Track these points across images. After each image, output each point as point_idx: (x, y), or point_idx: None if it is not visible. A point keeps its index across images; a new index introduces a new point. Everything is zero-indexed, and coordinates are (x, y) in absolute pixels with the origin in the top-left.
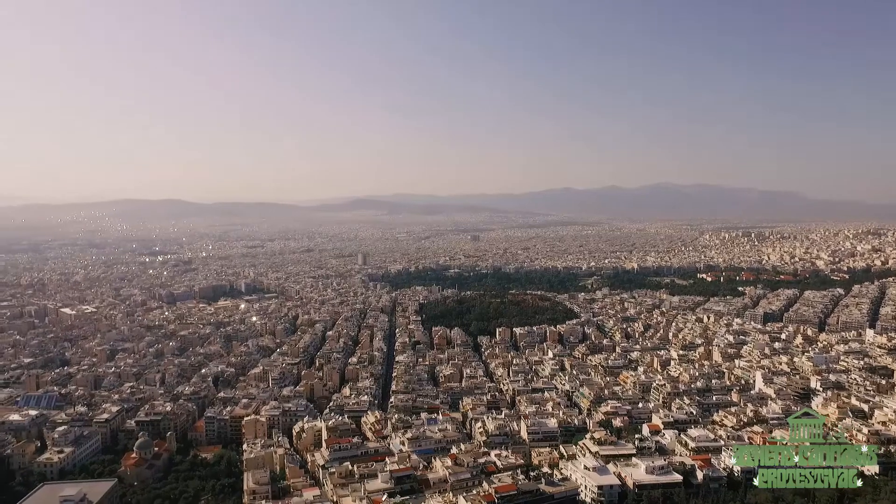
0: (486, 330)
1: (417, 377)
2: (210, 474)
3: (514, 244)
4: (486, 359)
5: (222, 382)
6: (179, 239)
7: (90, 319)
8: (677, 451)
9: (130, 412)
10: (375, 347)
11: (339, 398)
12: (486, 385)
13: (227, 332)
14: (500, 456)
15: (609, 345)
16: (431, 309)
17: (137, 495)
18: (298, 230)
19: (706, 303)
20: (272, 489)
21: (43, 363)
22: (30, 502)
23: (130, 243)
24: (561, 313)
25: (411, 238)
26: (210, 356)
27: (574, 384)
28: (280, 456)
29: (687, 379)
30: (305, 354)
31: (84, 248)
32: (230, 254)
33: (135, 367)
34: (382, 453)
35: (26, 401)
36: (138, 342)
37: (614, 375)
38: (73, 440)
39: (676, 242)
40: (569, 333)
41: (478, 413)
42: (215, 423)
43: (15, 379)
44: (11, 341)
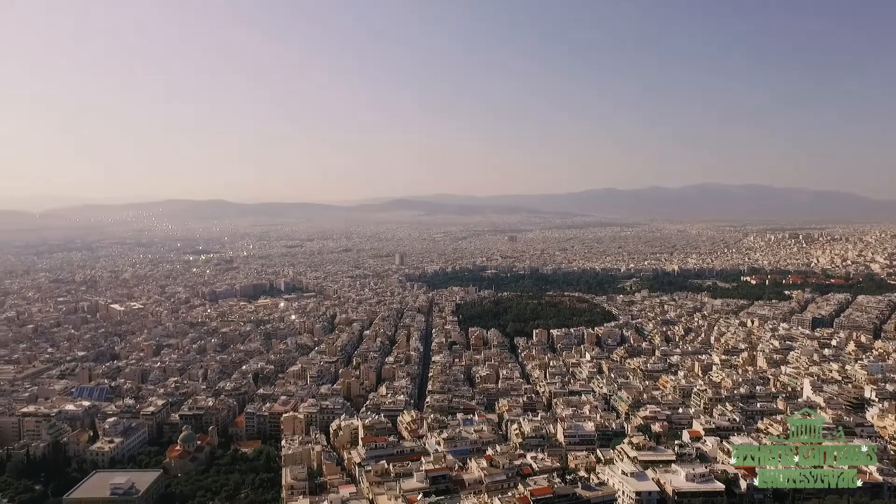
0: (523, 331)
1: (454, 377)
2: (250, 468)
3: (551, 245)
4: (522, 360)
5: (262, 379)
6: (222, 238)
7: (138, 315)
8: (719, 459)
9: (175, 406)
10: (412, 347)
11: (376, 397)
12: (522, 387)
13: (267, 330)
14: (535, 458)
15: (648, 348)
16: (468, 309)
17: (181, 486)
18: (337, 230)
19: (750, 306)
20: (309, 485)
21: (95, 356)
22: (84, 488)
23: (175, 242)
24: (599, 315)
25: (448, 238)
26: (250, 353)
27: (612, 387)
28: (317, 453)
29: (729, 385)
30: (343, 353)
31: (132, 247)
32: (270, 253)
33: (179, 363)
34: (418, 453)
35: (80, 392)
36: (182, 338)
37: (653, 379)
38: (122, 431)
39: (719, 244)
40: (607, 336)
41: (514, 415)
42: (255, 419)
43: (70, 371)
44: (67, 335)
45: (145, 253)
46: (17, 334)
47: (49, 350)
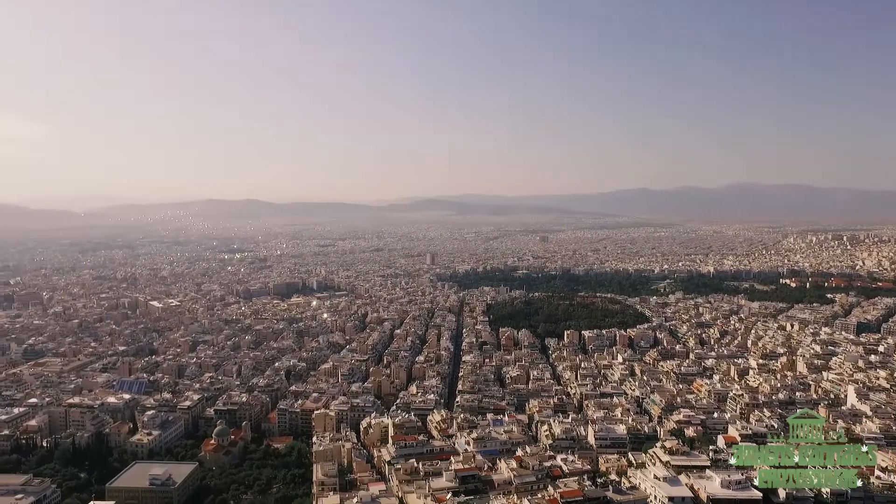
0: (554, 332)
1: (484, 377)
2: (281, 464)
3: (583, 245)
4: (553, 361)
5: (294, 376)
6: (256, 237)
7: (175, 312)
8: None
9: (210, 401)
10: (442, 347)
11: (406, 396)
12: (553, 388)
13: (300, 328)
14: (566, 460)
15: (682, 351)
16: (499, 309)
17: (215, 479)
18: (368, 230)
19: (789, 310)
20: (340, 482)
21: (134, 351)
22: (124, 478)
23: (211, 241)
24: (631, 317)
25: (479, 238)
26: (283, 350)
27: (644, 390)
28: (348, 450)
29: (767, 390)
30: (374, 352)
31: (170, 245)
32: (303, 252)
33: (214, 359)
34: (447, 452)
35: (121, 385)
36: (217, 335)
37: (687, 383)
38: (160, 424)
39: (757, 245)
40: (639, 338)
41: (544, 416)
42: (287, 416)
43: (112, 365)
44: (109, 330)
45: (182, 251)
46: (63, 328)
47: (92, 344)
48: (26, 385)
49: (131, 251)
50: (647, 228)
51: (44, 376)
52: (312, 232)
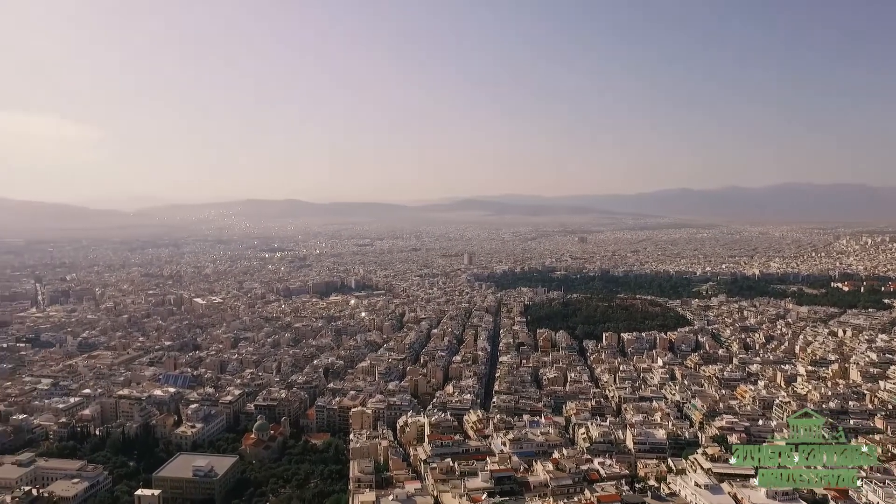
0: (593, 334)
1: (521, 378)
2: (319, 460)
3: (622, 246)
4: (591, 363)
5: (332, 374)
6: (296, 237)
7: (217, 309)
8: None
9: (250, 396)
10: (479, 347)
11: (443, 395)
12: (590, 390)
13: (338, 327)
14: (603, 464)
15: (725, 355)
16: (536, 310)
17: (255, 472)
18: (406, 230)
19: (842, 315)
20: (376, 479)
21: (179, 346)
22: (169, 468)
23: (253, 240)
24: (672, 320)
25: (517, 239)
26: (321, 348)
27: (685, 395)
28: (384, 448)
29: (817, 398)
30: (411, 351)
31: (213, 244)
32: (341, 252)
33: (254, 355)
34: (483, 452)
35: (166, 379)
36: (258, 332)
37: (730, 388)
38: (203, 417)
39: (806, 247)
40: (680, 341)
41: (581, 418)
42: (325, 412)
43: (158, 359)
44: (155, 325)
45: (225, 250)
46: (114, 323)
47: (140, 339)
48: (81, 376)
49: (177, 249)
50: (689, 229)
51: (96, 368)
52: (351, 232)
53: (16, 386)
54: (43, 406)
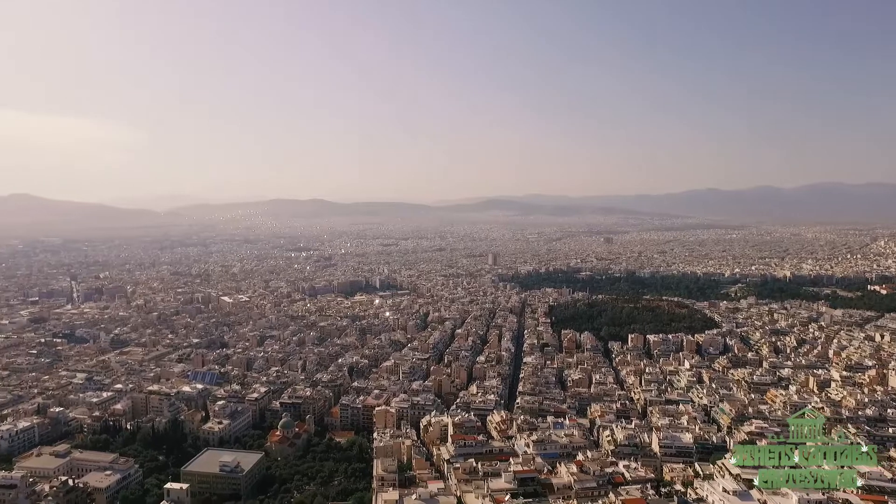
0: (618, 335)
1: (545, 379)
2: (343, 457)
3: (649, 247)
4: (616, 365)
5: (356, 372)
6: (321, 236)
7: (244, 307)
8: None
9: (275, 394)
10: (503, 347)
11: (466, 395)
12: (615, 392)
13: (362, 326)
14: (628, 467)
15: (754, 359)
16: (561, 311)
17: (280, 469)
18: (431, 229)
19: (879, 319)
20: (399, 478)
21: (207, 344)
22: (197, 463)
23: (279, 240)
24: (699, 322)
25: (542, 239)
26: (346, 347)
27: (713, 398)
28: (407, 447)
29: (852, 404)
30: (435, 351)
31: (240, 243)
32: (366, 251)
33: (280, 353)
34: (507, 453)
35: (194, 376)
36: (283, 330)
37: (760, 393)
38: (230, 414)
39: (840, 249)
40: (708, 344)
41: (606, 421)
42: (349, 411)
43: (186, 356)
44: (184, 323)
45: (252, 249)
46: (144, 320)
47: (170, 336)
48: (113, 371)
49: (205, 248)
50: (718, 230)
51: (128, 364)
52: (376, 231)
53: (53, 379)
54: (78, 400)
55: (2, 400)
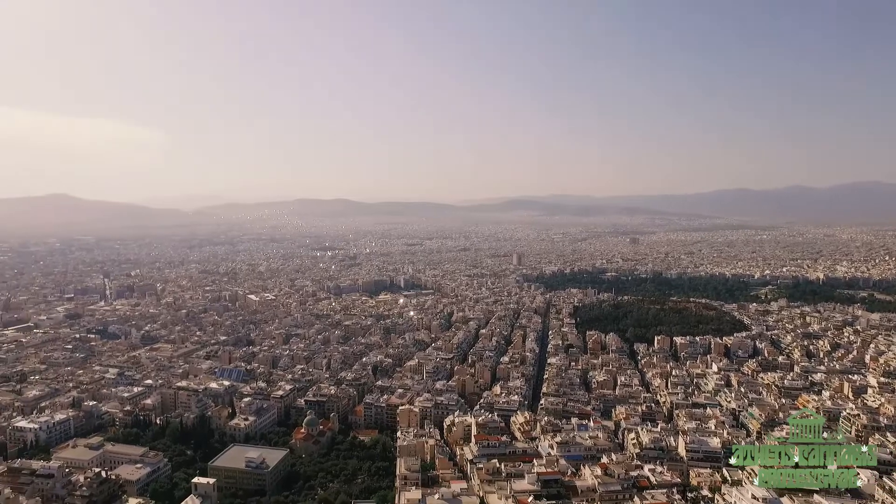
0: (644, 337)
1: (569, 381)
2: (366, 456)
3: (676, 248)
4: (642, 367)
5: (380, 371)
6: (346, 236)
7: (270, 306)
8: (878, 497)
9: (300, 391)
10: (528, 348)
11: (490, 396)
12: (641, 395)
13: (387, 325)
14: (653, 471)
15: (785, 363)
16: (586, 312)
17: (305, 466)
18: (455, 229)
19: None
20: (422, 477)
21: (234, 341)
22: (223, 458)
23: (304, 239)
24: (728, 324)
25: (567, 239)
26: (370, 346)
27: (742, 403)
28: (431, 446)
29: (891, 412)
30: (459, 350)
31: (267, 242)
32: (391, 251)
33: (305, 352)
34: (530, 454)
35: (221, 373)
36: (309, 329)
37: (791, 398)
38: (255, 411)
39: (878, 250)
40: (737, 347)
41: (631, 423)
42: (373, 409)
43: (214, 353)
44: (212, 320)
45: (278, 248)
46: (173, 317)
47: (198, 333)
48: (143, 367)
49: (232, 247)
50: (747, 231)
51: (157, 360)
52: (400, 231)
53: (87, 374)
54: (110, 394)
55: (40, 393)
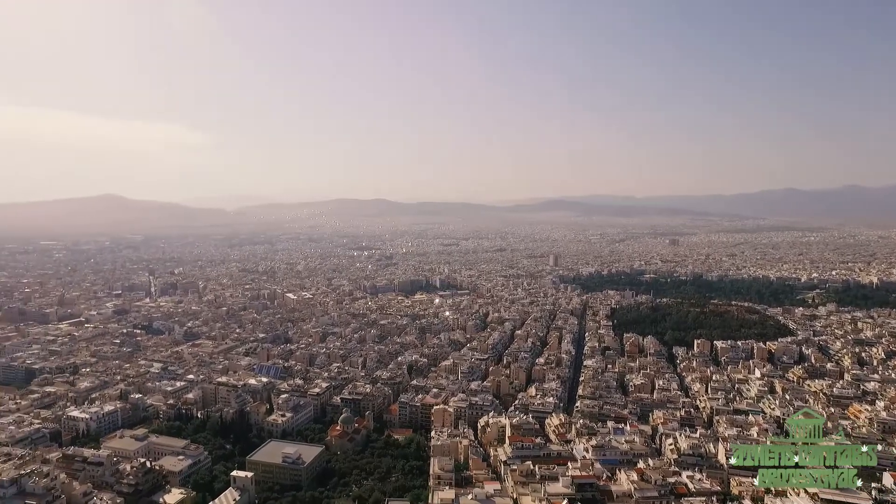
0: (683, 340)
1: (605, 384)
2: (400, 454)
3: (717, 250)
4: (681, 371)
5: (415, 371)
6: (383, 236)
7: (308, 304)
8: None
9: (336, 389)
10: (563, 350)
11: (525, 397)
12: (679, 399)
13: (422, 325)
14: (692, 478)
15: (835, 370)
16: (623, 314)
17: (340, 463)
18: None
19: None
20: (455, 477)
21: (272, 339)
22: (261, 453)
23: (342, 238)
24: (772, 329)
25: (604, 240)
26: (406, 346)
27: (786, 410)
28: (464, 446)
29: None
30: (494, 351)
31: (305, 242)
32: (427, 251)
33: (341, 350)
34: (565, 457)
35: (260, 369)
36: (345, 328)
37: (841, 407)
38: (292, 407)
39: None
40: (781, 352)
41: (669, 428)
42: (407, 409)
43: (252, 350)
44: (251, 318)
45: (315, 248)
46: (214, 315)
47: (237, 330)
48: (186, 362)
49: (271, 247)
50: (794, 232)
51: (199, 356)
52: (437, 231)
53: (133, 368)
54: (154, 388)
55: (91, 384)
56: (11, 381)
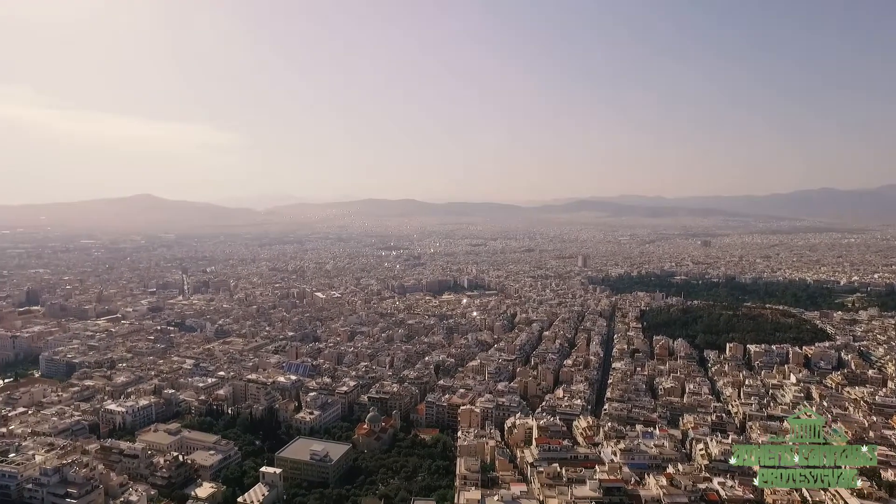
0: (715, 344)
1: (634, 387)
2: (427, 454)
3: (751, 251)
4: (712, 375)
5: (442, 371)
6: (411, 236)
7: (336, 303)
8: None
9: (364, 388)
10: (592, 352)
11: (552, 399)
12: (711, 404)
13: (450, 325)
14: (723, 485)
15: (877, 377)
16: (653, 316)
17: (366, 461)
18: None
19: None
20: (482, 478)
21: (301, 337)
22: (289, 450)
23: (370, 238)
24: (808, 333)
25: (634, 241)
26: (433, 345)
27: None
28: (491, 447)
29: None
30: (521, 352)
31: (334, 241)
32: (455, 251)
33: (369, 349)
34: (592, 460)
35: (289, 367)
36: (373, 327)
37: (884, 416)
38: (320, 405)
39: None
40: (819, 357)
41: (700, 433)
42: (434, 408)
43: (282, 348)
44: (280, 316)
45: (344, 247)
46: (245, 313)
47: (267, 328)
48: (217, 359)
49: (300, 246)
50: (832, 234)
51: (229, 353)
52: (465, 231)
53: (166, 364)
54: (187, 383)
55: (127, 379)
56: (54, 374)
